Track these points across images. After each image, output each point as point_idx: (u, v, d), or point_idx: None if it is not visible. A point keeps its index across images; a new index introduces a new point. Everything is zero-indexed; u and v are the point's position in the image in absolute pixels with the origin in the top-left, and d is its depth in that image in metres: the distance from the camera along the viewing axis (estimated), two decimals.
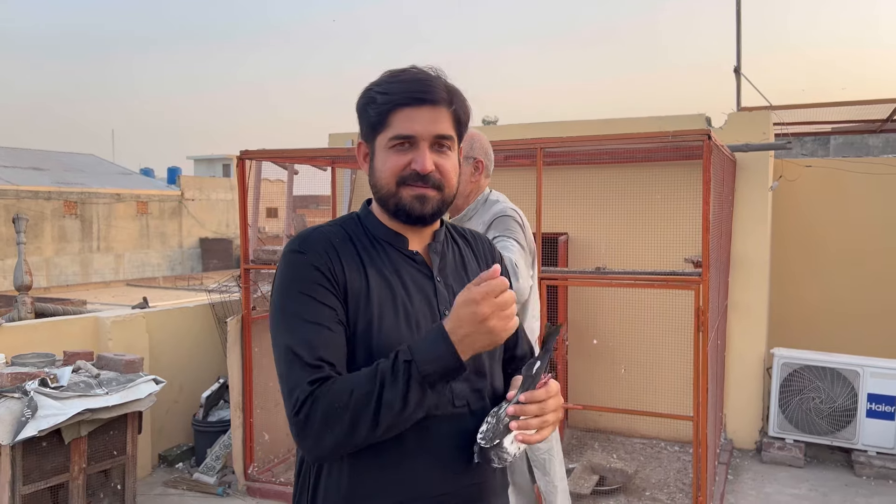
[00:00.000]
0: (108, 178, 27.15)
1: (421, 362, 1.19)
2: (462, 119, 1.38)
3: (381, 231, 1.40)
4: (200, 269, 26.64)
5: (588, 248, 5.51)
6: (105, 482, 3.93)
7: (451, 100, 1.34)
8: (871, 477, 4.79)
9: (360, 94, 1.38)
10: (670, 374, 5.13)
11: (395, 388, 1.19)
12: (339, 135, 6.36)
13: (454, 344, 1.19)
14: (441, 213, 1.39)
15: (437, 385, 1.22)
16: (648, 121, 5.41)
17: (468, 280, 1.43)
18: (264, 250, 4.76)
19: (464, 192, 2.17)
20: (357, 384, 1.22)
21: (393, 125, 1.32)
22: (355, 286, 1.31)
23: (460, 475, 1.34)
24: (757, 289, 5.33)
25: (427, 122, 1.32)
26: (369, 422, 1.20)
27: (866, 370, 4.86)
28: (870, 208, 6.14)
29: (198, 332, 5.35)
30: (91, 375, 3.80)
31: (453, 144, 1.37)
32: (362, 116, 1.38)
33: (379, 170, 1.36)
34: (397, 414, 1.21)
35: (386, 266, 1.36)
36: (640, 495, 4.47)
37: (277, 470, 4.73)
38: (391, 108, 1.32)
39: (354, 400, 1.20)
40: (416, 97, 1.31)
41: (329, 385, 1.22)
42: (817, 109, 6.44)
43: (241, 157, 4.60)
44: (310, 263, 1.30)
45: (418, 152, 1.32)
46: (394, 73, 1.36)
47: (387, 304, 1.32)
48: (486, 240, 1.59)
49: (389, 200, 1.36)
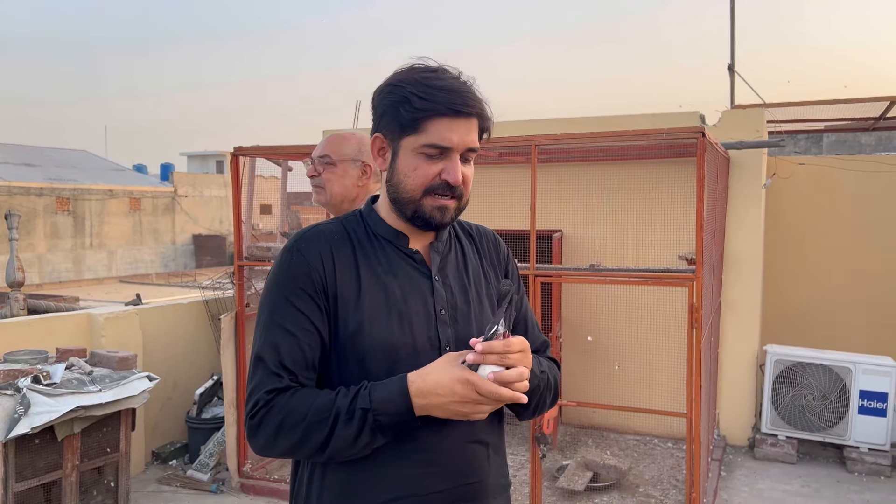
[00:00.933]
0: (101, 174, 27.03)
1: (377, 411, 1.23)
2: (486, 130, 1.37)
3: (382, 229, 1.40)
4: (194, 265, 26.56)
5: (582, 245, 5.51)
6: (98, 479, 3.92)
7: (482, 112, 1.33)
8: (863, 473, 4.82)
9: (385, 87, 1.34)
10: (664, 370, 5.14)
11: (348, 428, 1.23)
12: (333, 132, 6.34)
13: (414, 407, 1.23)
14: (455, 218, 1.39)
15: (389, 433, 1.26)
16: (643, 118, 5.41)
17: (468, 279, 1.43)
18: (258, 247, 4.75)
19: (350, 195, 2.13)
20: (314, 409, 1.25)
21: (429, 132, 1.30)
22: (346, 288, 1.32)
23: (453, 474, 1.33)
24: (750, 286, 5.35)
25: (463, 134, 1.31)
26: (317, 447, 1.26)
27: (859, 367, 4.89)
28: (862, 206, 6.16)
29: (191, 328, 5.33)
30: (84, 372, 3.78)
31: (476, 153, 1.38)
32: (389, 113, 1.33)
33: (404, 173, 1.33)
34: (346, 449, 1.26)
35: (382, 265, 1.36)
36: (633, 492, 4.49)
37: (271, 467, 4.73)
38: (429, 116, 1.29)
39: (307, 424, 1.25)
40: (458, 109, 1.29)
41: (287, 398, 1.27)
42: (811, 107, 6.45)
43: (235, 153, 4.60)
44: (298, 266, 1.32)
45: (450, 163, 1.31)
46: (428, 75, 1.31)
47: (379, 305, 1.32)
48: (491, 236, 1.57)
49: (409, 206, 1.35)
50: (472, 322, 1.39)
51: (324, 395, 1.27)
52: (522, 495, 4.25)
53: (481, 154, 4.65)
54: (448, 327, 1.36)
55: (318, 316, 1.31)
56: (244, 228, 4.90)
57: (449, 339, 1.35)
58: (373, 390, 1.25)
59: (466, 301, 1.41)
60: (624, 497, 4.41)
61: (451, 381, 1.22)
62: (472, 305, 1.41)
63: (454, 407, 1.23)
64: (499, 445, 1.46)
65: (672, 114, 5.39)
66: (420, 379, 1.24)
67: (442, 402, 1.23)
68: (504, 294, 1.26)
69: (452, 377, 1.22)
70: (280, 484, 4.49)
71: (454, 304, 1.38)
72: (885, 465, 4.79)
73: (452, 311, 1.37)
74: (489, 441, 1.39)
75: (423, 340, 1.33)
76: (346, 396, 1.25)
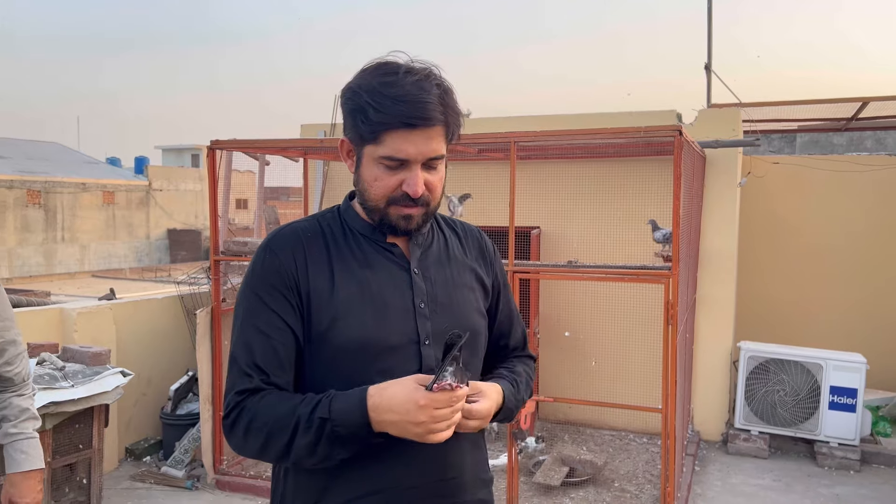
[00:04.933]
0: (73, 166, 26.62)
1: (334, 422, 1.21)
2: (454, 130, 1.33)
3: (359, 224, 1.39)
4: (168, 260, 26.27)
5: (560, 241, 5.54)
6: (70, 476, 3.86)
7: (445, 116, 1.28)
8: (833, 467, 4.91)
9: (346, 92, 1.31)
10: (640, 367, 5.19)
11: (307, 437, 1.22)
12: (312, 125, 6.30)
13: (371, 422, 1.21)
14: (425, 223, 1.37)
15: (348, 445, 1.23)
16: (620, 116, 5.45)
17: (450, 271, 1.42)
18: (235, 241, 4.71)
19: None
20: (278, 415, 1.24)
21: (385, 144, 1.26)
22: (319, 284, 1.31)
23: (429, 470, 1.32)
24: (725, 283, 5.41)
25: (421, 145, 1.26)
26: (281, 454, 1.25)
27: (829, 363, 4.97)
28: (834, 205, 6.27)
29: (166, 324, 5.27)
30: (56, 368, 3.72)
31: (442, 160, 1.34)
32: (349, 119, 1.31)
33: (367, 182, 1.32)
34: (307, 458, 1.25)
35: (357, 259, 1.35)
36: (609, 486, 4.53)
37: (247, 464, 4.69)
38: (385, 129, 1.25)
39: (269, 430, 1.24)
40: (411, 123, 1.24)
41: (256, 401, 1.27)
42: (785, 107, 6.54)
43: (212, 146, 4.54)
44: (270, 264, 1.32)
45: (410, 174, 1.28)
46: (387, 81, 1.25)
47: (353, 300, 1.31)
48: (476, 233, 1.55)
49: (375, 213, 1.34)
50: (452, 315, 1.37)
51: (288, 402, 1.25)
52: (499, 490, 4.27)
53: (460, 150, 4.67)
54: (427, 321, 1.34)
55: (290, 314, 1.30)
56: (221, 223, 4.85)
57: (428, 333, 1.33)
58: (334, 400, 1.23)
59: (448, 294, 1.39)
60: (599, 492, 4.45)
61: (406, 400, 1.18)
62: (454, 299, 1.40)
63: (409, 427, 1.19)
64: (478, 441, 1.45)
65: (650, 112, 5.43)
66: (378, 394, 1.21)
67: (396, 420, 1.19)
68: (452, 343, 1.20)
69: (409, 397, 1.18)
70: (256, 480, 4.46)
71: (434, 297, 1.37)
72: (854, 460, 4.88)
73: (432, 305, 1.36)
74: (467, 436, 1.38)
75: (400, 334, 1.32)
76: (308, 404, 1.24)
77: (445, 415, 1.18)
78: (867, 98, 6.18)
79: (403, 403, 1.18)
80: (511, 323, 1.56)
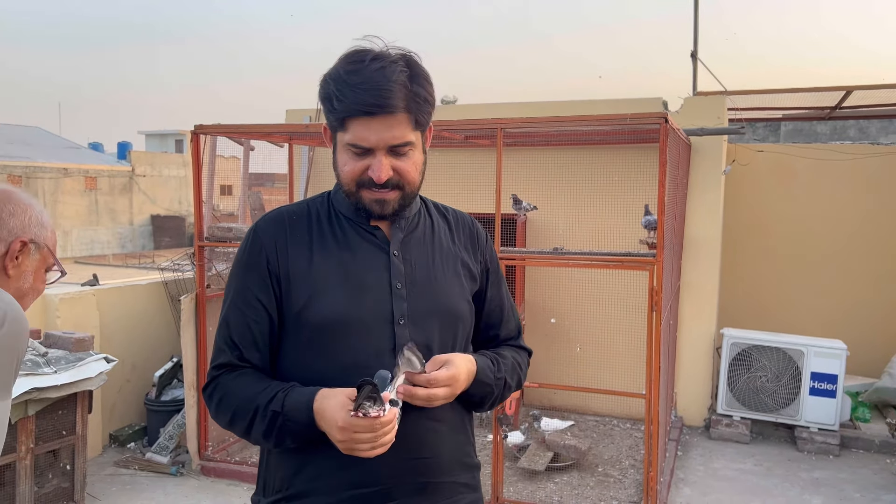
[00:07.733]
0: (55, 151, 26.26)
1: (286, 416, 1.28)
2: (421, 118, 1.32)
3: (344, 208, 1.42)
4: (152, 246, 26.06)
5: (546, 228, 5.55)
6: (54, 462, 3.84)
7: (409, 104, 1.28)
8: (813, 452, 4.98)
9: (322, 79, 1.33)
10: (624, 353, 5.23)
11: (261, 425, 1.30)
12: (297, 111, 6.26)
13: (317, 423, 1.26)
14: (404, 207, 1.39)
15: (298, 439, 1.30)
16: (606, 103, 5.45)
17: (433, 255, 1.44)
18: (219, 227, 4.68)
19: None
20: (241, 400, 1.33)
21: (350, 131, 1.30)
22: (297, 265, 1.36)
23: (401, 448, 1.29)
24: (709, 270, 5.45)
25: (382, 131, 1.28)
26: (242, 433, 1.35)
27: (810, 349, 5.03)
28: (817, 193, 6.33)
29: (151, 310, 5.24)
30: (38, 354, 3.70)
31: (413, 146, 1.33)
32: (322, 106, 1.35)
33: (339, 167, 1.36)
34: (263, 441, 1.34)
35: (338, 241, 1.39)
36: (593, 471, 4.57)
37: (232, 449, 4.69)
38: (348, 116, 1.29)
39: (234, 412, 1.34)
40: (369, 110, 1.26)
41: (229, 380, 1.36)
42: (770, 95, 6.56)
43: (196, 131, 4.49)
44: (252, 245, 1.39)
45: (374, 160, 1.31)
46: (352, 68, 1.27)
47: (331, 279, 1.35)
48: (468, 221, 1.55)
49: (350, 197, 1.38)
50: (430, 297, 1.39)
51: (254, 387, 1.33)
52: (484, 475, 4.30)
53: (446, 136, 4.65)
54: (404, 302, 1.36)
55: (265, 293, 1.36)
56: (205, 209, 4.81)
57: (403, 313, 1.36)
58: (289, 394, 1.29)
59: (427, 277, 1.41)
60: (583, 476, 4.49)
61: (331, 417, 1.23)
62: (434, 281, 1.41)
63: (335, 440, 1.23)
64: (459, 423, 1.44)
65: (635, 100, 5.44)
66: (321, 400, 1.26)
67: (326, 430, 1.25)
68: (360, 386, 1.17)
69: (333, 416, 1.22)
70: (241, 466, 4.46)
71: (413, 279, 1.39)
72: (833, 445, 4.95)
73: (410, 287, 1.38)
74: (443, 418, 1.38)
75: (375, 314, 1.34)
76: (267, 395, 1.30)
77: (367, 438, 1.20)
78: (850, 87, 6.21)
79: (329, 420, 1.23)
80: (502, 313, 1.57)
